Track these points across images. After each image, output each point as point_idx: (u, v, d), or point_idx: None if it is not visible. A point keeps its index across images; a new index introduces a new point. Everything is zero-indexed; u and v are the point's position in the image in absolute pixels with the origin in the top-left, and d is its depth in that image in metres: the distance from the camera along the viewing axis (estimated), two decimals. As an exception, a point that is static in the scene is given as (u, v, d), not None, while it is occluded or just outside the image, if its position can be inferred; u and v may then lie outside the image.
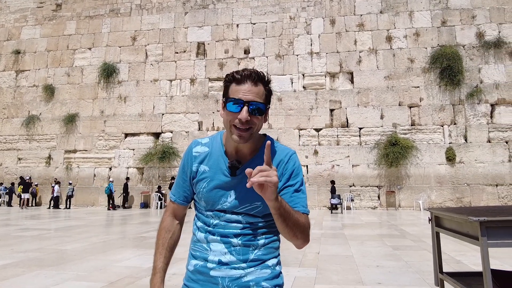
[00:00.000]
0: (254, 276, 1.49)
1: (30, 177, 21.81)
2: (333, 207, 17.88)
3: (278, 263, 1.59)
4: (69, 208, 20.55)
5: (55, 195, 20.65)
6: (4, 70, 24.38)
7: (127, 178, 21.04)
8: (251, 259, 1.50)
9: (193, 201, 1.69)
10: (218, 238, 1.51)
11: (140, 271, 5.83)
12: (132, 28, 23.15)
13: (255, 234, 1.52)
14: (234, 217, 1.51)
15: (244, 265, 1.48)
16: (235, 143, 1.51)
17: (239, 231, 1.50)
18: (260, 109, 1.46)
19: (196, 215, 1.64)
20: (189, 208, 1.72)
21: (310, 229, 1.52)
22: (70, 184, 21.20)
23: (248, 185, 1.26)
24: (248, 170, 1.27)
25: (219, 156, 1.57)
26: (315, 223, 13.09)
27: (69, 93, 23.14)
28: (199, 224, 1.59)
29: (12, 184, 22.21)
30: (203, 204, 1.58)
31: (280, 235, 1.58)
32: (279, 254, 1.61)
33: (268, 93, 1.52)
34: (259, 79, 1.48)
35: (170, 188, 20.19)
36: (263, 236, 1.53)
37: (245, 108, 1.43)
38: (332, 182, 18.53)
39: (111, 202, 19.99)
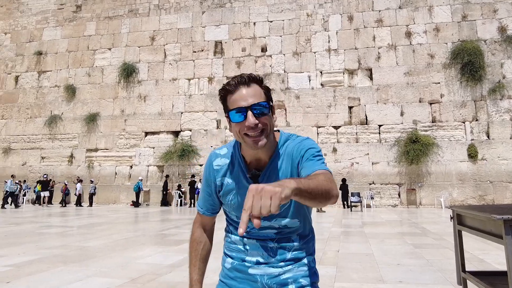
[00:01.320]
0: (292, 273, 1.51)
1: (47, 175, 22.21)
2: (345, 205, 18.01)
3: (313, 260, 1.61)
4: (91, 205, 20.92)
5: (77, 193, 21.08)
6: (27, 71, 24.94)
7: (167, 176, 21.25)
8: (288, 258, 1.52)
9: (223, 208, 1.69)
10: (255, 241, 1.53)
11: (161, 268, 5.91)
12: (151, 28, 23.39)
13: (290, 236, 1.53)
14: (267, 222, 1.49)
15: (282, 263, 1.51)
16: (253, 152, 1.48)
17: (274, 235, 1.52)
18: (265, 109, 1.43)
19: (228, 218, 1.64)
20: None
21: (334, 183, 1.33)
22: (92, 182, 21.57)
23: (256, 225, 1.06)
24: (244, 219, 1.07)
25: (238, 167, 1.56)
26: (335, 221, 13.04)
27: (90, 93, 23.54)
28: (233, 228, 1.60)
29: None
30: (234, 214, 1.58)
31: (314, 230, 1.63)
32: (314, 251, 1.63)
33: (266, 90, 1.48)
34: (252, 80, 1.45)
35: (189, 185, 20.46)
36: (298, 236, 1.54)
37: (250, 113, 1.39)
38: (343, 180, 18.41)
39: (136, 199, 20.64)
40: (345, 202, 18.62)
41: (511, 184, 17.72)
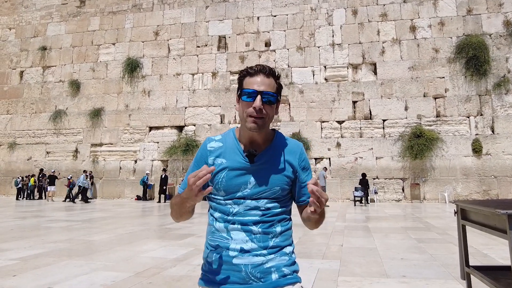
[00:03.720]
0: (275, 262, 1.59)
1: (54, 170, 22.29)
2: (356, 200, 17.73)
3: (293, 251, 1.70)
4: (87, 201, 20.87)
5: (86, 186, 20.95)
6: (31, 66, 25.03)
7: (164, 170, 21.13)
8: (271, 246, 1.59)
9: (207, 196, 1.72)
10: (239, 226, 1.59)
11: (165, 262, 5.94)
12: (155, 23, 23.39)
13: (273, 222, 1.62)
14: (254, 203, 1.60)
15: (264, 251, 1.58)
16: (250, 134, 1.64)
17: (258, 218, 1.59)
18: (272, 99, 1.61)
19: (211, 207, 1.71)
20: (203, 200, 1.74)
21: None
22: (87, 176, 21.35)
23: (312, 211, 1.45)
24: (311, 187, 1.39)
25: (234, 148, 1.68)
26: (338, 216, 13.05)
27: (94, 88, 23.60)
28: (217, 214, 1.65)
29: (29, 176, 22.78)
30: (222, 194, 1.64)
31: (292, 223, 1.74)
32: (292, 242, 1.73)
33: (279, 86, 1.67)
34: (271, 73, 1.64)
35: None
36: (279, 223, 1.64)
37: (259, 97, 1.57)
38: (363, 175, 18.13)
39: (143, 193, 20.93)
40: (362, 198, 17.70)
41: (516, 179, 17.66)
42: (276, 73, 1.67)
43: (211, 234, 1.68)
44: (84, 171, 21.40)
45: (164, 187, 20.50)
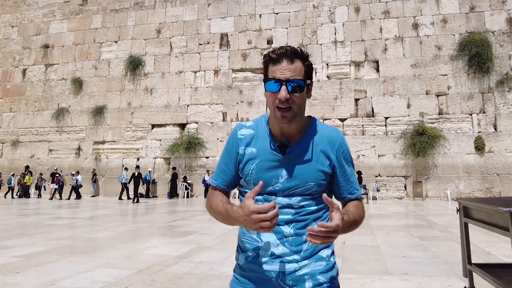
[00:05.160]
0: (309, 269, 1.45)
1: (57, 168, 22.31)
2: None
3: (332, 253, 1.55)
4: (72, 198, 20.84)
5: (78, 184, 21.00)
6: (34, 64, 25.07)
7: (174, 168, 21.32)
8: (305, 249, 1.45)
9: (238, 188, 1.64)
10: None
11: (168, 259, 5.96)
12: (157, 21, 23.38)
13: (307, 221, 1.47)
14: (286, 200, 1.47)
15: (297, 257, 1.44)
16: (280, 124, 1.49)
17: (291, 217, 1.45)
18: (300, 86, 1.44)
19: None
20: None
21: (365, 212, 1.58)
22: (72, 174, 21.32)
23: (308, 239, 1.28)
24: (309, 228, 1.28)
25: (265, 137, 1.54)
26: (340, 214, 13.02)
27: (97, 85, 23.63)
28: None
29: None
30: (251, 188, 1.49)
31: None
32: (332, 244, 1.52)
33: (308, 68, 1.49)
34: (296, 55, 1.45)
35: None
36: (315, 223, 1.45)
37: (283, 87, 1.42)
38: (359, 172, 18.22)
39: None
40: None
41: (519, 177, 17.62)
42: (302, 53, 1.47)
43: (241, 234, 1.56)
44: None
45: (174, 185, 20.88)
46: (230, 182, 1.59)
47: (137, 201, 18.19)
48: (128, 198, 20.22)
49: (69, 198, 20.79)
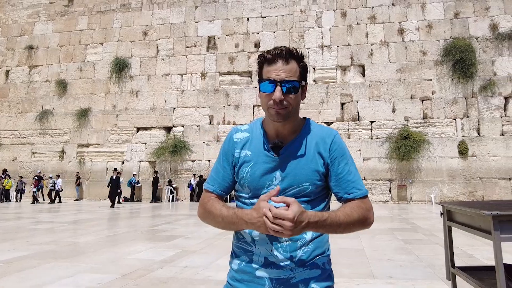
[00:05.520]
0: (303, 276, 1.41)
1: (40, 171, 21.93)
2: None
3: (328, 261, 1.51)
4: (53, 202, 20.31)
5: (59, 188, 20.51)
6: (17, 65, 24.69)
7: (155, 172, 21.16)
8: (299, 256, 1.42)
9: (233, 193, 1.61)
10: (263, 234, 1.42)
11: (152, 264, 5.90)
12: (143, 23, 23.24)
13: None
14: (281, 205, 1.38)
15: (291, 263, 1.41)
16: (275, 125, 1.48)
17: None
18: (295, 87, 1.42)
19: (237, 206, 1.55)
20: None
21: (371, 211, 1.47)
22: (51, 178, 20.91)
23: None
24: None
25: (259, 138, 1.52)
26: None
27: (82, 88, 23.36)
28: None
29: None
30: (246, 191, 1.49)
31: None
32: (328, 249, 1.53)
33: (303, 69, 1.48)
34: (291, 56, 1.44)
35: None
36: None
37: (278, 88, 1.40)
38: None
39: (129, 195, 20.47)
40: None
41: (501, 181, 17.90)
42: (297, 54, 1.46)
43: (236, 239, 1.53)
44: (58, 176, 21.08)
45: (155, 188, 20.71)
46: (227, 186, 1.57)
47: (113, 206, 17.40)
48: (119, 202, 19.99)
49: (53, 202, 20.40)
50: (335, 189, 1.48)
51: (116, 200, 18.26)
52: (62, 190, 20.67)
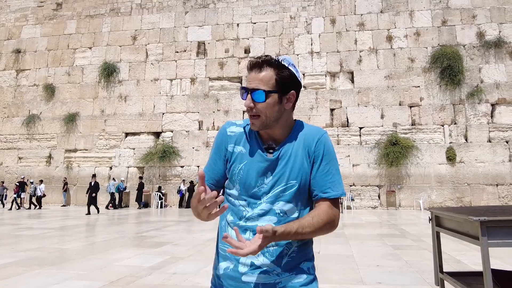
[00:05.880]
0: (289, 282, 1.43)
1: (24, 176, 21.60)
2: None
3: (313, 266, 1.53)
4: (39, 208, 20.04)
5: (41, 193, 20.23)
6: (4, 69, 24.39)
7: (141, 177, 21.00)
8: (286, 261, 1.43)
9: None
10: (251, 234, 1.43)
11: (140, 270, 5.83)
12: (133, 28, 23.16)
13: None
14: (269, 206, 1.45)
15: (278, 269, 1.42)
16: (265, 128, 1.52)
17: (273, 224, 1.42)
18: (260, 96, 1.43)
19: (227, 202, 1.56)
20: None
21: (337, 217, 1.48)
22: (32, 183, 20.67)
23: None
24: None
25: (253, 138, 1.54)
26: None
27: (70, 92, 23.15)
28: (230, 218, 1.50)
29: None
30: (237, 188, 1.51)
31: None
32: (313, 256, 1.55)
33: (281, 78, 1.45)
34: (269, 64, 1.45)
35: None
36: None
37: (248, 96, 1.45)
38: None
39: (112, 201, 20.03)
40: None
41: (488, 187, 18.11)
42: (276, 63, 1.46)
43: (221, 243, 1.52)
44: (41, 181, 20.83)
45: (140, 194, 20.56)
46: (218, 180, 1.57)
47: (89, 213, 16.58)
48: (115, 207, 19.98)
49: (29, 208, 20.00)
50: (312, 186, 1.49)
51: (97, 206, 17.39)
52: (44, 196, 20.30)
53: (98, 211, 17.28)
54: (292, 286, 1.42)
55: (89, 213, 16.62)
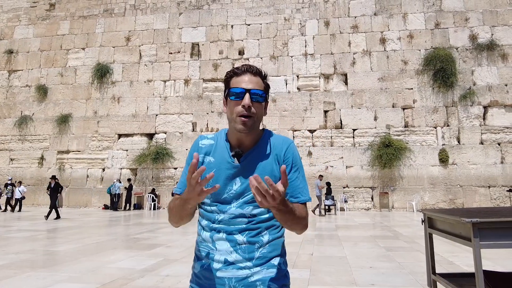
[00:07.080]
0: (261, 275, 1.51)
1: (11, 178, 21.28)
2: (326, 209, 17.88)
3: (284, 262, 1.62)
4: (16, 210, 19.39)
5: (20, 196, 19.38)
6: (-4, 70, 24.19)
7: (129, 180, 20.89)
8: (257, 257, 1.52)
9: None
10: (224, 236, 1.53)
11: (133, 273, 5.79)
12: (126, 29, 23.07)
13: (260, 230, 1.55)
14: (239, 210, 1.54)
15: (249, 264, 1.51)
16: (238, 135, 1.59)
17: (244, 226, 1.53)
18: (261, 97, 1.58)
19: (200, 214, 1.65)
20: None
21: (307, 218, 1.58)
22: (7, 185, 20.20)
23: (251, 185, 1.29)
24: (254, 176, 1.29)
25: (223, 147, 1.63)
26: (309, 224, 13.08)
27: (62, 93, 23.01)
28: (204, 222, 1.59)
29: None
30: (208, 196, 1.57)
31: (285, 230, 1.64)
32: (285, 253, 1.64)
33: (266, 86, 1.64)
34: (258, 72, 1.61)
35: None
36: (268, 231, 1.56)
37: (247, 95, 1.54)
38: (328, 183, 18.39)
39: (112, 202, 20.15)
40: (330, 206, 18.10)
41: (480, 188, 18.22)
42: (263, 73, 1.65)
43: (198, 244, 1.62)
44: (20, 182, 20.29)
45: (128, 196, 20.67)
46: None
47: (58, 217, 15.17)
48: (125, 208, 20.23)
49: (5, 210, 19.64)
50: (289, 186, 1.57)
51: (57, 210, 15.59)
52: (23, 198, 19.64)
53: (59, 216, 15.27)
54: (262, 279, 1.51)
55: (47, 217, 14.91)
